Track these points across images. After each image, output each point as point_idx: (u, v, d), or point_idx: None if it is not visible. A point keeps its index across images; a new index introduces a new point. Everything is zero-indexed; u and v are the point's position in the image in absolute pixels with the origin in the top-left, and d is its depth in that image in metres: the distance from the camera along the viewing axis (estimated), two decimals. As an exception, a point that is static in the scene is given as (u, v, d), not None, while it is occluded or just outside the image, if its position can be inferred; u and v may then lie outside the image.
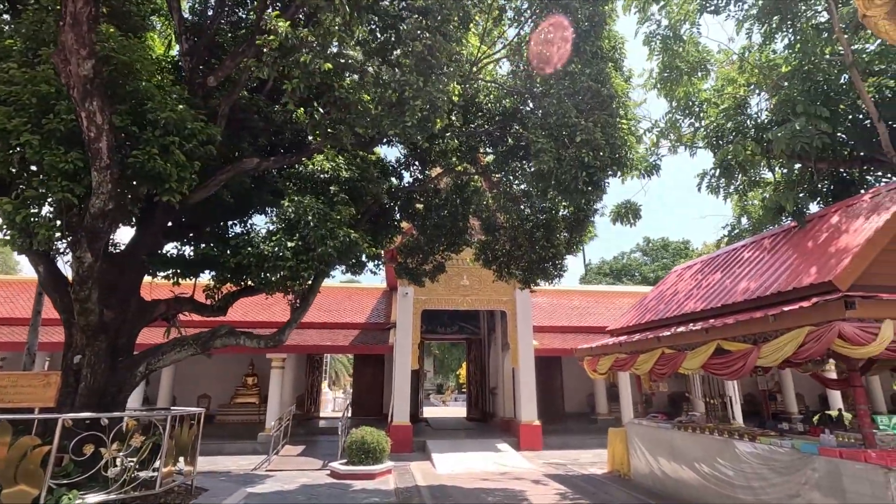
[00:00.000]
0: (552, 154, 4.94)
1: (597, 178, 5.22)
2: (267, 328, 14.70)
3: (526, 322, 14.52)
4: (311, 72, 3.89)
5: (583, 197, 5.50)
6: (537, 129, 5.14)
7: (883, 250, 5.77)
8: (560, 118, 5.03)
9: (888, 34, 5.01)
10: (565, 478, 9.69)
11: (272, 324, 14.70)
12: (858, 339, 4.64)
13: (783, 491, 5.75)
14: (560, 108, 5.02)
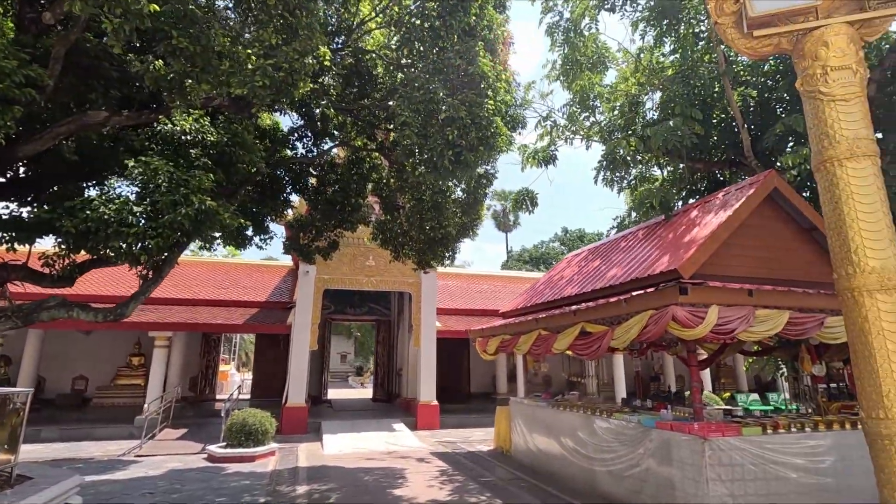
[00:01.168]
0: (415, 129, 4.86)
1: (464, 157, 5.23)
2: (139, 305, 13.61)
3: (430, 304, 14.61)
4: (137, 12, 3.45)
5: (451, 176, 5.50)
6: (404, 102, 5.03)
7: (724, 244, 6.32)
8: (426, 93, 4.95)
9: (734, 42, 5.39)
10: (450, 455, 9.92)
11: (153, 300, 13.66)
12: (688, 322, 5.05)
13: (628, 461, 6.22)
14: (427, 82, 4.94)
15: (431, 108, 5.02)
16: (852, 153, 4.43)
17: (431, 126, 5.02)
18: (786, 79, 9.58)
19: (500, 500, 6.63)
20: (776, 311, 5.41)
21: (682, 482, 5.30)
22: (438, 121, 5.02)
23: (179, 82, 4.23)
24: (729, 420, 5.84)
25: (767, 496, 5.14)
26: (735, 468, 5.09)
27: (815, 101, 4.72)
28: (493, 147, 5.34)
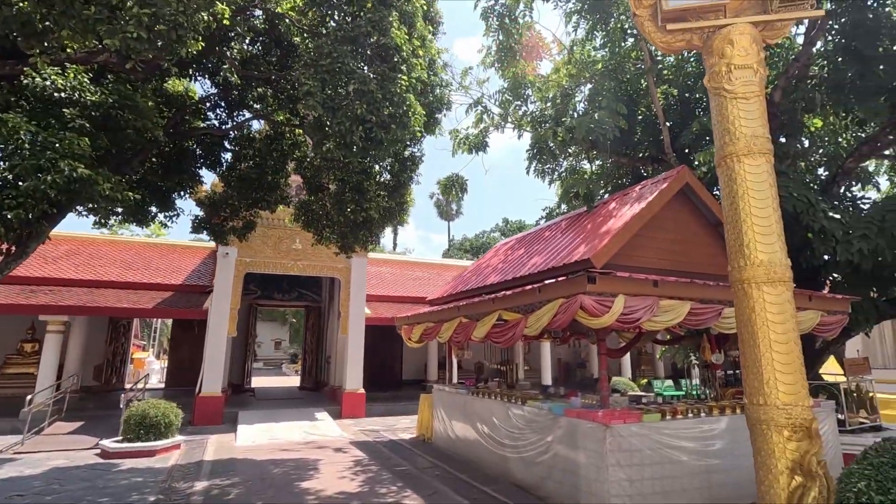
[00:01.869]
0: (320, 100, 4.50)
1: (375, 134, 4.94)
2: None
3: (360, 290, 14.23)
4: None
5: (363, 154, 5.20)
6: (309, 70, 4.64)
7: (636, 235, 6.47)
8: (333, 62, 4.59)
9: (650, 35, 5.43)
10: (370, 444, 9.71)
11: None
12: (595, 310, 5.09)
13: (538, 448, 6.28)
14: (335, 50, 4.58)
15: (340, 79, 4.67)
16: (749, 150, 4.58)
17: (340, 98, 4.68)
18: (703, 79, 9.97)
19: (410, 490, 6.50)
20: (679, 301, 5.58)
21: (585, 468, 5.39)
22: (348, 93, 4.69)
23: (34, 26, 3.62)
24: (633, 407, 6.00)
25: (662, 479, 5.33)
26: (634, 453, 5.23)
27: (719, 97, 4.84)
28: (407, 126, 5.08)
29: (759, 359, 4.20)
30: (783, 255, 4.33)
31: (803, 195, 7.22)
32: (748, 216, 4.42)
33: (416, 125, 5.23)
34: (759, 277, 4.25)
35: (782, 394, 4.01)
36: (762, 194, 4.44)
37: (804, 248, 7.80)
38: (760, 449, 4.19)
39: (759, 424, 4.17)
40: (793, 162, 9.70)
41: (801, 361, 4.15)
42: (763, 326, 4.18)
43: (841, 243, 6.95)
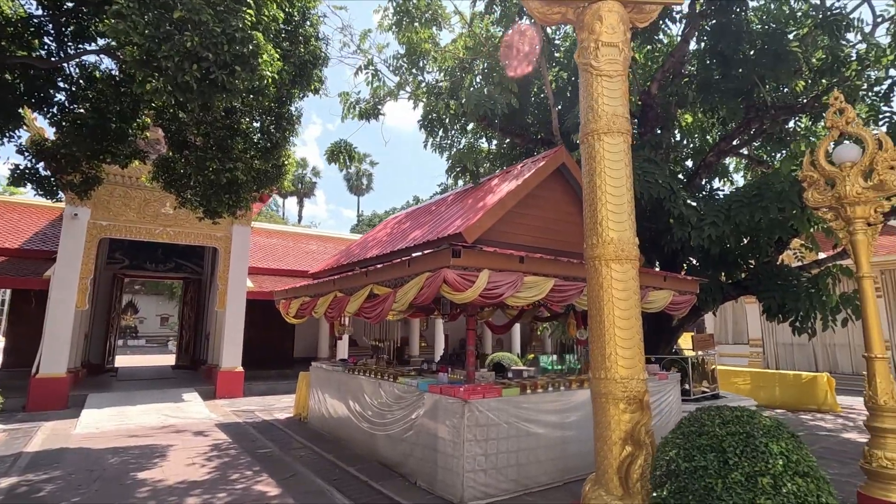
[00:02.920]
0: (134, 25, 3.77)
1: (216, 76, 4.29)
2: None
3: (241, 261, 13.14)
4: None
5: (201, 98, 4.51)
6: (123, -14, 3.87)
7: (510, 212, 6.45)
8: (156, -21, 3.87)
9: (530, 6, 5.29)
10: (238, 426, 9.03)
11: None
12: (459, 285, 4.94)
13: (403, 425, 6.12)
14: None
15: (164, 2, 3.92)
16: (610, 129, 4.60)
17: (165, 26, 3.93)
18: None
19: (266, 474, 6.05)
20: (543, 278, 5.63)
21: (444, 443, 5.31)
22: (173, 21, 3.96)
23: None
24: (496, 382, 6.04)
25: (518, 451, 5.42)
26: (491, 428, 5.24)
27: (586, 73, 4.81)
28: (255, 69, 4.47)
29: (603, 334, 4.30)
30: (632, 234, 4.44)
31: (667, 183, 7.69)
32: (603, 194, 4.46)
33: (266, 69, 4.61)
34: (609, 255, 4.33)
35: (621, 368, 4.14)
36: (618, 173, 4.50)
37: (666, 233, 8.37)
38: (599, 421, 4.33)
39: (599, 397, 4.29)
40: (665, 153, 10.37)
41: (640, 337, 4.31)
42: (609, 303, 4.28)
43: (695, 229, 7.52)
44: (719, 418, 3.22)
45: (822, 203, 5.11)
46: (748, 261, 9.09)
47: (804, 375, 11.81)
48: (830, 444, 7.88)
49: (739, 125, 9.41)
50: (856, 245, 4.86)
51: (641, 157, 7.88)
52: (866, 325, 4.71)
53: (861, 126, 4.98)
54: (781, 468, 2.85)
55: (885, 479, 4.38)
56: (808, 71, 8.60)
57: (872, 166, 4.77)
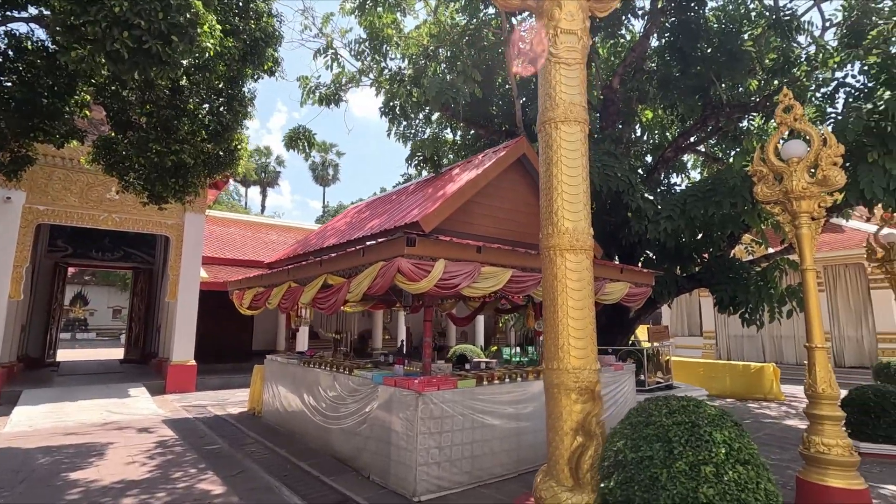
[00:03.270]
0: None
1: (150, 46, 3.99)
2: None
3: (194, 251, 12.58)
4: None
5: (135, 70, 4.19)
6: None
7: (470, 201, 6.36)
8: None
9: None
10: (187, 422, 8.64)
11: None
12: (413, 275, 4.80)
13: (358, 418, 5.96)
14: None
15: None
16: (567, 117, 4.55)
17: (91, -12, 3.62)
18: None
19: (212, 472, 5.78)
20: (501, 268, 5.57)
21: (397, 437, 5.19)
22: (101, -17, 3.65)
23: None
24: (453, 374, 5.96)
25: (472, 443, 5.36)
26: (445, 420, 5.15)
27: (545, 60, 4.78)
28: (194, 40, 4.16)
29: (557, 324, 4.26)
30: (587, 224, 4.42)
31: (626, 176, 7.76)
32: (560, 183, 4.41)
33: (206, 40, 4.31)
34: (564, 245, 4.29)
35: (574, 358, 4.11)
36: (574, 162, 4.46)
37: (624, 226, 8.48)
38: (552, 412, 4.31)
39: (552, 388, 4.26)
40: (626, 148, 10.51)
41: (593, 328, 4.30)
42: (563, 293, 4.24)
43: (651, 222, 7.64)
44: (666, 408, 3.22)
45: (770, 197, 5.23)
46: (702, 254, 9.32)
47: (752, 366, 12.30)
48: (774, 430, 8.21)
49: (696, 122, 9.62)
50: (800, 238, 4.99)
51: (602, 151, 7.93)
52: (808, 316, 4.86)
53: (808, 123, 5.11)
54: (724, 456, 2.87)
55: (821, 465, 4.54)
56: (761, 71, 8.85)
57: (817, 162, 4.90)
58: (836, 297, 16.28)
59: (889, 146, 5.90)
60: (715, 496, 2.76)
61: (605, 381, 7.26)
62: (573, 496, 3.85)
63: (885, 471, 6.02)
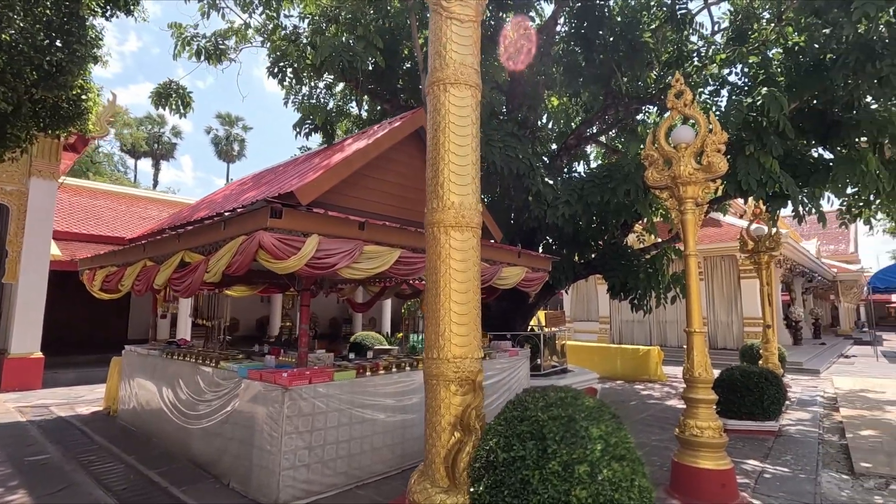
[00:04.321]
0: None
1: None
2: None
3: (43, 224, 10.64)
4: None
5: None
6: None
7: (360, 174, 5.76)
8: None
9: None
10: (17, 427, 7.21)
11: None
12: (279, 252, 4.13)
13: (219, 417, 5.18)
14: None
15: None
16: (457, 79, 4.04)
17: None
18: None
19: (25, 490, 4.71)
20: (387, 248, 5.06)
21: (261, 438, 4.52)
22: None
23: None
24: (335, 364, 5.38)
25: (350, 441, 4.84)
26: (318, 417, 4.57)
27: (436, 14, 4.15)
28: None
29: (438, 309, 3.83)
30: (475, 200, 4.01)
31: (528, 159, 7.57)
32: (447, 153, 3.95)
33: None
34: (449, 221, 3.84)
35: (455, 346, 3.70)
36: (464, 130, 4.02)
37: (525, 210, 8.35)
38: (430, 405, 3.88)
39: (431, 379, 3.83)
40: (531, 133, 10.43)
41: (477, 313, 3.92)
42: (446, 274, 3.81)
43: (550, 207, 7.54)
44: (543, 401, 2.91)
45: (659, 182, 5.21)
46: (598, 241, 9.51)
47: (640, 349, 13.05)
48: (656, 411, 8.62)
49: (598, 111, 9.74)
50: (685, 224, 5.02)
51: (505, 131, 7.67)
52: (688, 300, 4.90)
53: (696, 109, 5.13)
54: (599, 454, 2.61)
55: (695, 447, 4.61)
56: (658, 64, 9.11)
57: (703, 148, 4.93)
58: (712, 285, 17.88)
59: (764, 141, 6.21)
60: (588, 498, 2.48)
61: (501, 367, 7.09)
62: (448, 498, 3.46)
63: (747, 446, 6.42)
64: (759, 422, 6.95)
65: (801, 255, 20.47)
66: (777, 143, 6.18)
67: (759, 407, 6.90)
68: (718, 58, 7.66)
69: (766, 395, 6.87)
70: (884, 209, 8.71)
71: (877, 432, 7.04)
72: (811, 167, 7.08)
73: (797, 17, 6.86)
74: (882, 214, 9.56)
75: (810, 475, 5.36)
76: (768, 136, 6.19)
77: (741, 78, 7.87)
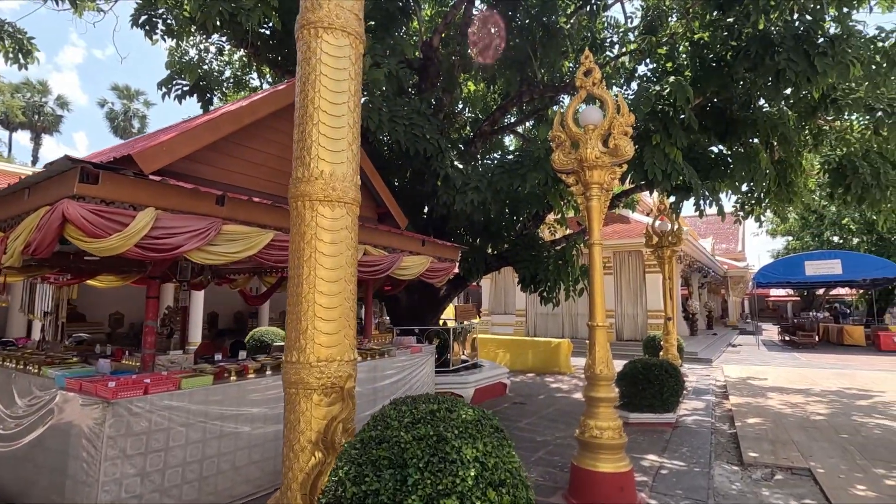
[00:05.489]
0: None
1: None
2: None
3: None
4: None
5: None
6: None
7: (230, 141, 4.87)
8: None
9: None
10: None
11: None
12: (92, 227, 3.19)
13: (31, 437, 4.09)
14: None
15: None
16: (332, 23, 3.27)
17: None
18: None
19: None
20: (256, 229, 4.25)
21: (74, 467, 3.56)
22: None
23: None
24: (195, 368, 4.48)
25: (202, 461, 4.00)
26: (156, 435, 3.69)
27: (307, -59, 3.54)
28: None
29: (300, 301, 3.12)
30: (351, 171, 3.32)
31: (436, 140, 7.01)
32: (317, 111, 3.22)
33: None
34: (317, 193, 3.12)
35: (320, 347, 3.00)
36: (340, 86, 3.32)
37: (433, 196, 7.81)
38: (288, 420, 3.16)
39: (289, 388, 3.10)
40: (447, 117, 9.91)
41: (351, 306, 3.25)
42: (311, 258, 3.10)
43: (459, 193, 7.05)
44: (410, 416, 2.33)
45: (565, 166, 4.86)
46: (511, 233, 9.22)
47: (552, 342, 13.11)
48: (562, 405, 8.49)
49: (513, 97, 9.42)
50: (590, 211, 4.70)
51: (411, 109, 7.05)
52: (592, 292, 4.59)
53: (604, 89, 4.82)
54: (472, 481, 2.07)
55: (594, 449, 4.30)
56: (572, 52, 8.95)
57: (611, 130, 4.63)
58: (621, 279, 18.58)
59: (670, 131, 6.13)
60: (454, 542, 1.94)
61: (401, 366, 6.51)
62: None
63: (647, 440, 6.37)
64: (659, 414, 6.97)
65: (699, 251, 21.98)
66: (682, 135, 6.12)
67: (658, 399, 6.91)
68: (629, 47, 7.60)
69: (666, 388, 6.90)
70: (772, 207, 9.21)
71: (761, 419, 7.34)
72: (712, 162, 7.20)
73: (702, 11, 6.88)
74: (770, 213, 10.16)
75: (704, 468, 5.33)
76: (675, 126, 6.12)
77: (651, 72, 7.86)
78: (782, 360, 15.36)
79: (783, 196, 8.61)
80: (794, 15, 5.87)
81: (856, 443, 6.06)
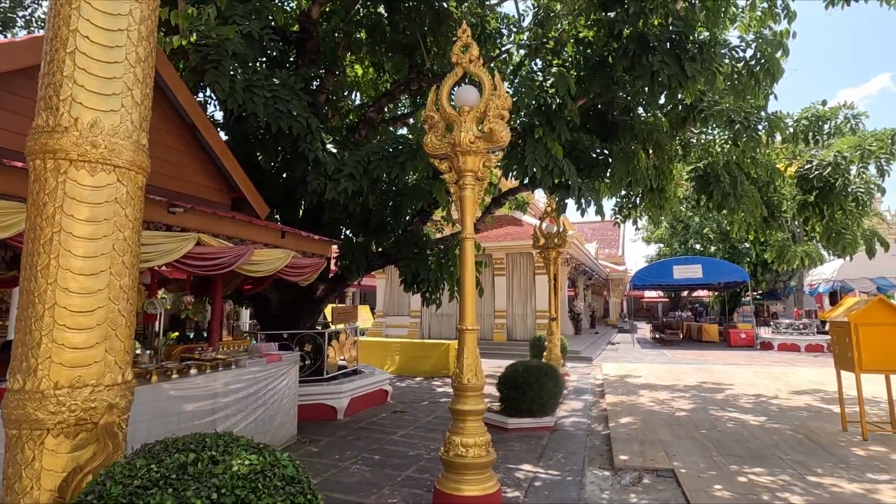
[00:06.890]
0: None
1: None
2: None
3: None
4: None
5: None
6: None
7: None
8: None
9: None
10: None
11: None
12: None
13: None
14: None
15: None
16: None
17: None
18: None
19: None
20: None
21: None
22: None
23: None
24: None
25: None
26: None
27: None
28: None
29: (33, 303, 2.21)
30: (134, 129, 2.40)
31: (305, 119, 6.16)
32: (73, 34, 2.34)
33: None
34: (68, 148, 2.17)
35: (61, 368, 2.08)
36: (120, 7, 2.49)
37: (303, 184, 6.93)
38: (6, 476, 2.26)
39: (10, 427, 2.19)
40: (327, 99, 9.04)
41: (122, 309, 2.35)
42: (54, 242, 2.21)
43: (331, 180, 6.27)
44: (144, 476, 1.56)
45: (438, 150, 4.32)
46: (397, 228, 8.61)
47: (442, 343, 12.71)
48: (444, 412, 8.02)
49: (402, 83, 8.83)
50: (463, 201, 4.21)
51: (280, 82, 6.13)
52: (462, 292, 4.10)
53: (482, 67, 4.37)
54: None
55: (459, 470, 3.78)
56: (463, 42, 8.58)
57: (487, 113, 4.18)
58: (512, 280, 18.88)
59: (553, 124, 5.92)
60: None
61: (252, 378, 5.55)
62: None
63: (524, 447, 6.08)
64: (538, 418, 6.77)
65: (585, 255, 23.20)
66: (565, 129, 5.94)
67: (538, 403, 6.71)
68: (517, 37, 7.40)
69: (545, 391, 6.72)
70: (646, 212, 9.63)
71: (633, 419, 7.47)
72: (593, 161, 7.19)
73: (587, 10, 6.83)
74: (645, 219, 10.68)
75: (577, 476, 5.11)
76: (558, 120, 5.92)
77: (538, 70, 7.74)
78: (653, 357, 16.54)
79: (656, 202, 9.01)
80: (668, 19, 5.97)
81: (713, 438, 6.30)
